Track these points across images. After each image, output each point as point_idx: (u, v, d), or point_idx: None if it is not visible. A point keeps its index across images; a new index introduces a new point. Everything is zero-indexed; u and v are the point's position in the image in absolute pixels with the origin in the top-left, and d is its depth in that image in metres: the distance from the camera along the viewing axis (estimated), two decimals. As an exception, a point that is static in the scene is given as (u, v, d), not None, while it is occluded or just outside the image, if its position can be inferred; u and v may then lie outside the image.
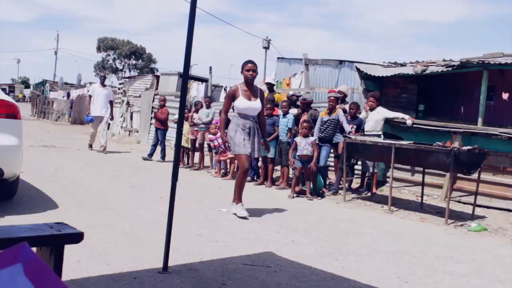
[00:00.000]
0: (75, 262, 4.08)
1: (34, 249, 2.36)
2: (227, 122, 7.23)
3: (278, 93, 12.10)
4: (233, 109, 7.03)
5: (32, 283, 0.91)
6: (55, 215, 5.69)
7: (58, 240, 2.39)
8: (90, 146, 14.50)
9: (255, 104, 6.75)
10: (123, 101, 20.71)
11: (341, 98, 10.14)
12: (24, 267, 0.93)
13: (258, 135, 6.85)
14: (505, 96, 11.90)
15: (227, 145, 6.98)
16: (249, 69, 6.73)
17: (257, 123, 6.86)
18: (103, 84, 14.64)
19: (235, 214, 6.64)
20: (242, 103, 6.69)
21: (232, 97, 6.79)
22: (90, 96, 14.44)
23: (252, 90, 6.79)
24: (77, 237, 2.46)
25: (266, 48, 38.24)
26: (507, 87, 11.75)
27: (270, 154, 9.61)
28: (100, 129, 14.19)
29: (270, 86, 12.03)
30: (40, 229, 2.42)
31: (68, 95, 31.95)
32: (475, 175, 7.68)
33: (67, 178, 8.90)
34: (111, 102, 14.44)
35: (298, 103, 10.64)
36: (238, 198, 6.76)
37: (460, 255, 5.41)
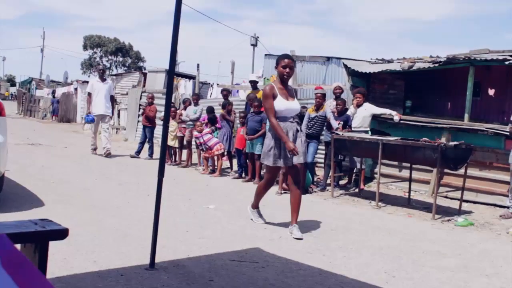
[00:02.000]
0: (61, 259, 4.05)
1: (18, 246, 2.33)
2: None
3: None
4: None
5: (9, 275, 0.89)
6: (41, 212, 5.63)
7: (43, 237, 2.36)
8: (94, 150, 12.80)
9: (294, 105, 5.89)
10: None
11: (339, 94, 10.01)
12: (2, 258, 0.91)
13: (302, 137, 5.99)
14: (491, 92, 11.99)
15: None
16: (286, 65, 5.76)
17: (298, 124, 6.03)
18: (102, 79, 12.92)
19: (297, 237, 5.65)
20: (281, 104, 5.73)
21: (272, 96, 5.73)
22: (89, 94, 12.77)
23: (287, 89, 5.89)
24: (62, 234, 2.43)
25: (254, 45, 38.08)
26: (493, 83, 11.84)
27: (258, 151, 9.61)
28: (102, 129, 12.75)
29: (254, 84, 12.01)
30: (24, 225, 2.39)
31: (54, 93, 31.63)
32: (462, 171, 7.72)
33: (53, 176, 8.83)
34: (112, 97, 12.96)
35: None
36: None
37: (447, 250, 5.44)
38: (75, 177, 8.95)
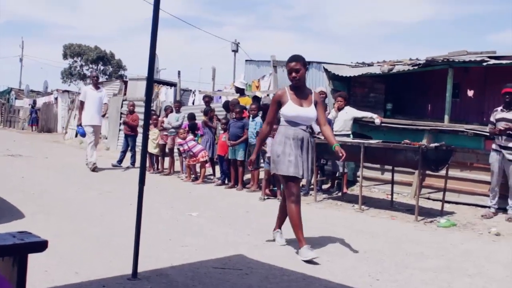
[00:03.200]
0: (42, 272, 3.99)
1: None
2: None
3: (248, 96, 12.03)
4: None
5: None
6: (22, 224, 5.56)
7: (21, 250, 2.32)
8: (94, 164, 11.67)
9: (308, 112, 5.25)
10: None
11: (323, 99, 10.03)
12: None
13: (311, 151, 5.52)
14: (470, 93, 12.12)
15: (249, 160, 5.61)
16: (290, 69, 5.25)
17: (311, 134, 5.40)
18: (96, 86, 12.29)
19: (305, 260, 4.88)
20: (291, 109, 5.21)
21: (278, 103, 5.28)
22: (81, 102, 12.08)
23: (302, 94, 5.30)
24: (41, 246, 2.39)
25: (235, 51, 38.11)
26: (472, 84, 11.97)
27: (240, 157, 9.59)
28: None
29: (239, 90, 12.00)
30: (1, 238, 2.35)
31: (34, 102, 31.28)
32: (443, 172, 7.78)
33: (34, 187, 8.73)
34: (104, 105, 12.28)
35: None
36: (300, 240, 5.09)
37: (430, 251, 5.47)
38: (56, 188, 8.86)
